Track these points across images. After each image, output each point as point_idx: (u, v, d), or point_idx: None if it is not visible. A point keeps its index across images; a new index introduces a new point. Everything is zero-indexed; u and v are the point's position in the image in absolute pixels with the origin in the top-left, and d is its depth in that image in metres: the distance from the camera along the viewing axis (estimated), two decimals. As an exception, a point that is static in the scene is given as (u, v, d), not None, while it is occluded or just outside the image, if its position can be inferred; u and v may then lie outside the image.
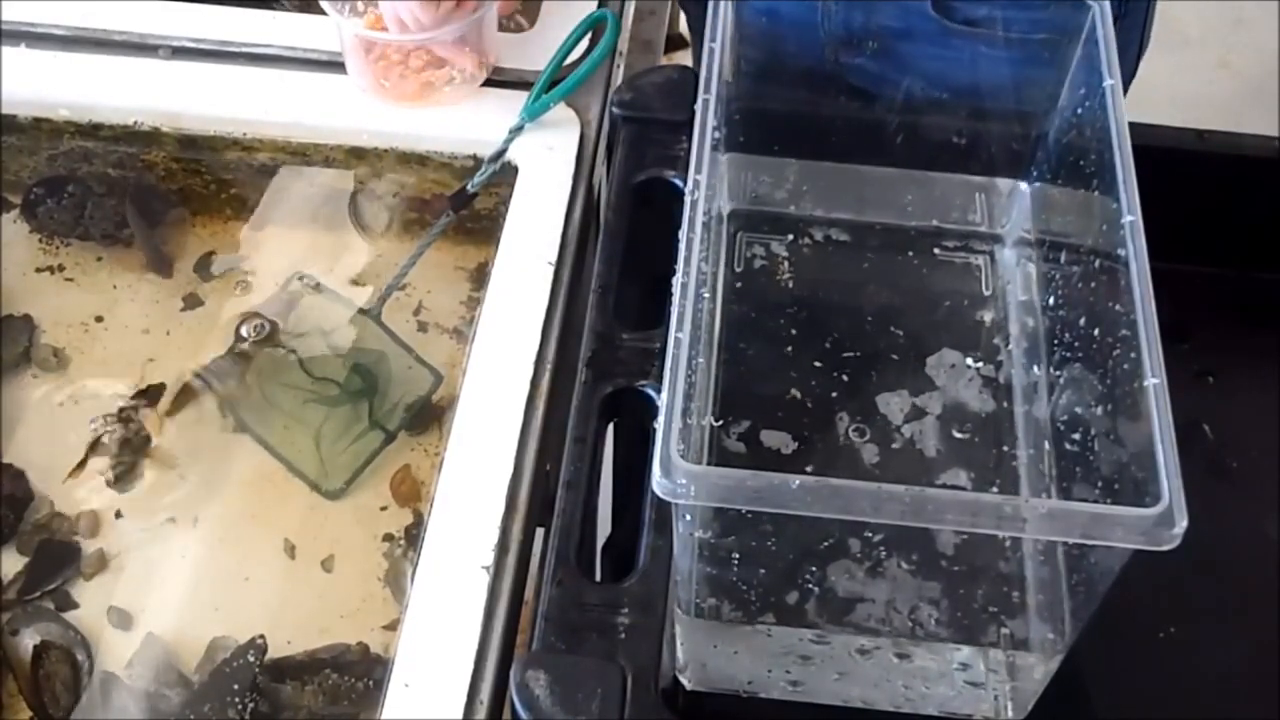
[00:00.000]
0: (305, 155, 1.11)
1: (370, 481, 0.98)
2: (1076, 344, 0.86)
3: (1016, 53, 1.02)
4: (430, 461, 0.98)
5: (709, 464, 0.87)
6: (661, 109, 1.01)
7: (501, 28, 1.11)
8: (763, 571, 0.78)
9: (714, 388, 0.92)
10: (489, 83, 1.10)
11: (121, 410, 1.00)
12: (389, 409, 1.01)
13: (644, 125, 1.01)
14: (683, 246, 0.76)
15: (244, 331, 1.03)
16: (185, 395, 1.02)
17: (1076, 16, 0.91)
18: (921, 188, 1.01)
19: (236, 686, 0.87)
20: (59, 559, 0.94)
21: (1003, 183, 1.01)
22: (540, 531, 0.88)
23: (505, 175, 1.04)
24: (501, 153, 1.04)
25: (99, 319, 1.07)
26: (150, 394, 1.02)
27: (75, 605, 0.92)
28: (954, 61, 1.06)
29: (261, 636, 0.89)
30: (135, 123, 1.10)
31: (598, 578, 0.81)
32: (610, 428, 0.91)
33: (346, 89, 1.09)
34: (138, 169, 1.12)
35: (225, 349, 1.04)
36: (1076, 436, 0.84)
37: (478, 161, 1.06)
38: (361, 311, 1.04)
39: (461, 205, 1.03)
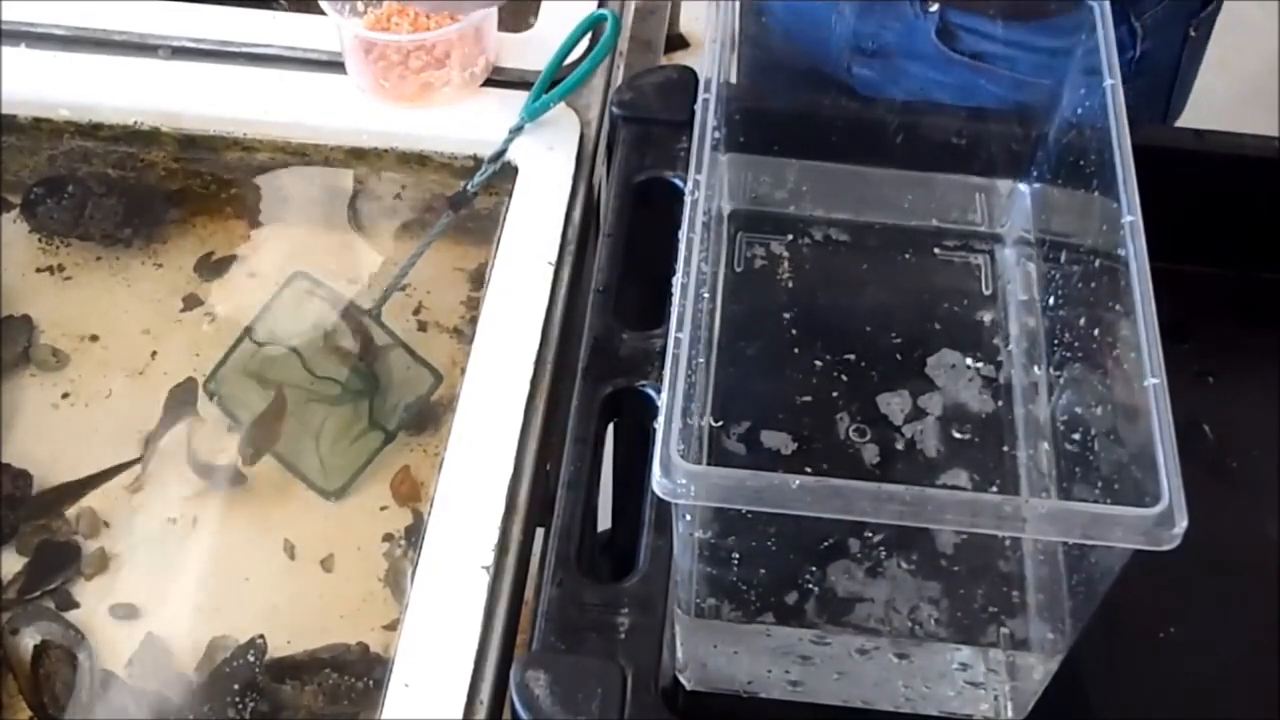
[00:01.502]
0: (305, 155, 1.11)
1: (370, 481, 0.98)
2: (1076, 344, 0.86)
3: (1016, 91, 1.03)
4: (430, 461, 0.98)
5: (709, 464, 0.87)
6: (661, 109, 1.01)
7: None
8: (763, 571, 0.78)
9: (714, 388, 0.92)
10: (489, 83, 1.10)
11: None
12: (389, 409, 1.01)
13: (644, 125, 1.01)
14: (683, 246, 0.76)
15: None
16: (186, 395, 1.02)
17: (1076, 17, 0.91)
18: (921, 188, 1.01)
19: (236, 686, 0.87)
20: (59, 559, 0.94)
21: (1002, 183, 1.01)
22: (540, 531, 0.88)
23: (505, 175, 1.04)
24: (501, 153, 1.04)
25: (99, 319, 1.07)
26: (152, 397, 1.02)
27: (75, 605, 0.92)
28: (953, 88, 1.06)
29: (261, 636, 0.89)
30: (135, 123, 1.10)
31: (598, 578, 0.81)
32: (610, 428, 0.91)
33: (346, 89, 1.09)
34: (138, 169, 1.12)
35: (226, 349, 1.04)
36: (1076, 436, 0.84)
37: (478, 161, 1.06)
38: (362, 311, 1.04)
39: (461, 205, 1.03)
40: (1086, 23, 0.90)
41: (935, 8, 1.02)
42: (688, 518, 0.72)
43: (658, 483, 0.66)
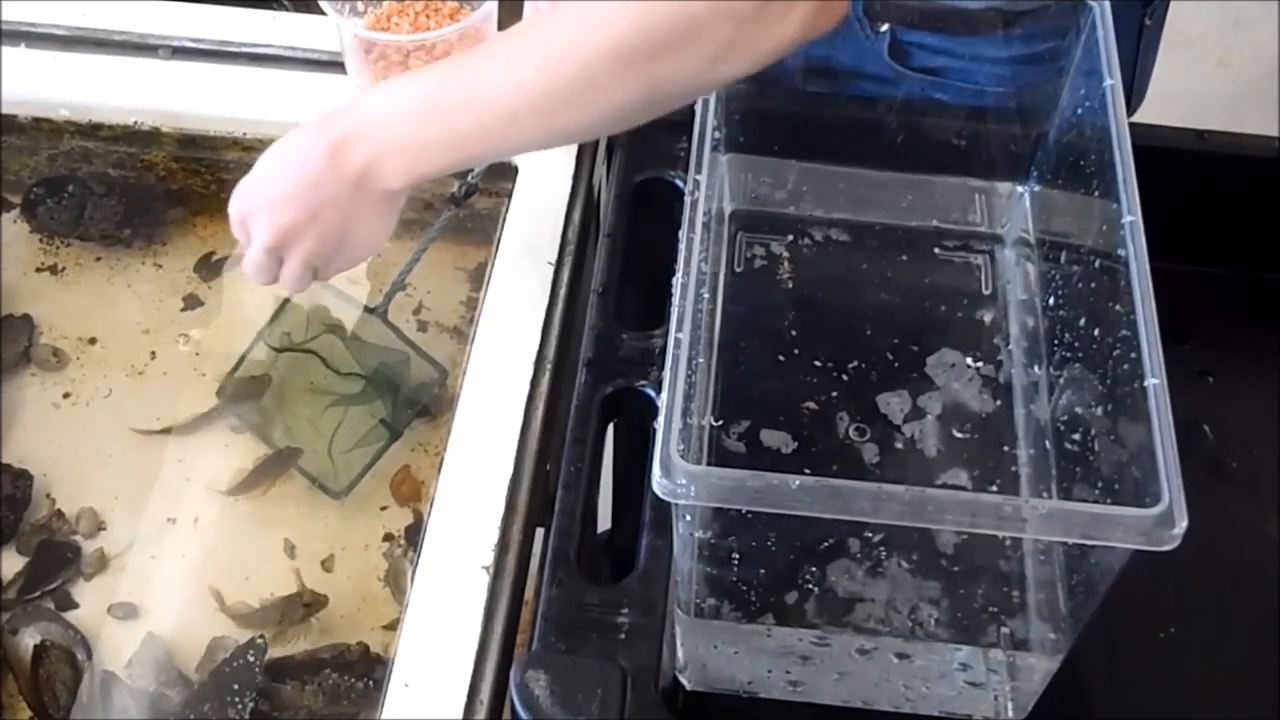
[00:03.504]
0: (305, 155, 1.10)
1: (370, 481, 0.98)
2: (1076, 344, 0.86)
3: (977, 99, 1.02)
4: (430, 461, 0.98)
5: (709, 464, 0.87)
6: (661, 109, 1.01)
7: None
8: (763, 571, 0.78)
9: (714, 388, 0.92)
10: (489, 83, 1.10)
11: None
12: (395, 407, 1.01)
13: (644, 125, 1.00)
14: (683, 246, 0.76)
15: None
16: (189, 395, 1.02)
17: (1076, 17, 0.91)
18: (921, 189, 1.01)
19: (236, 686, 0.87)
20: (59, 559, 0.94)
21: (1002, 184, 1.01)
22: (540, 531, 0.88)
23: (505, 175, 1.04)
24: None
25: (99, 319, 1.07)
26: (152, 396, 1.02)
27: (75, 605, 0.92)
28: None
29: (261, 636, 0.89)
30: (135, 123, 1.10)
31: (598, 578, 0.81)
32: (610, 428, 0.91)
33: (346, 89, 1.09)
34: (138, 169, 1.12)
35: (227, 350, 1.03)
36: (1076, 436, 0.84)
37: (479, 161, 1.06)
38: (367, 310, 1.04)
39: (464, 200, 1.03)
40: (1052, 28, 0.91)
41: (885, 28, 1.02)
42: (688, 518, 0.72)
43: (658, 483, 0.66)
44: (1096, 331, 0.82)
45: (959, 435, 0.90)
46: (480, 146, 0.80)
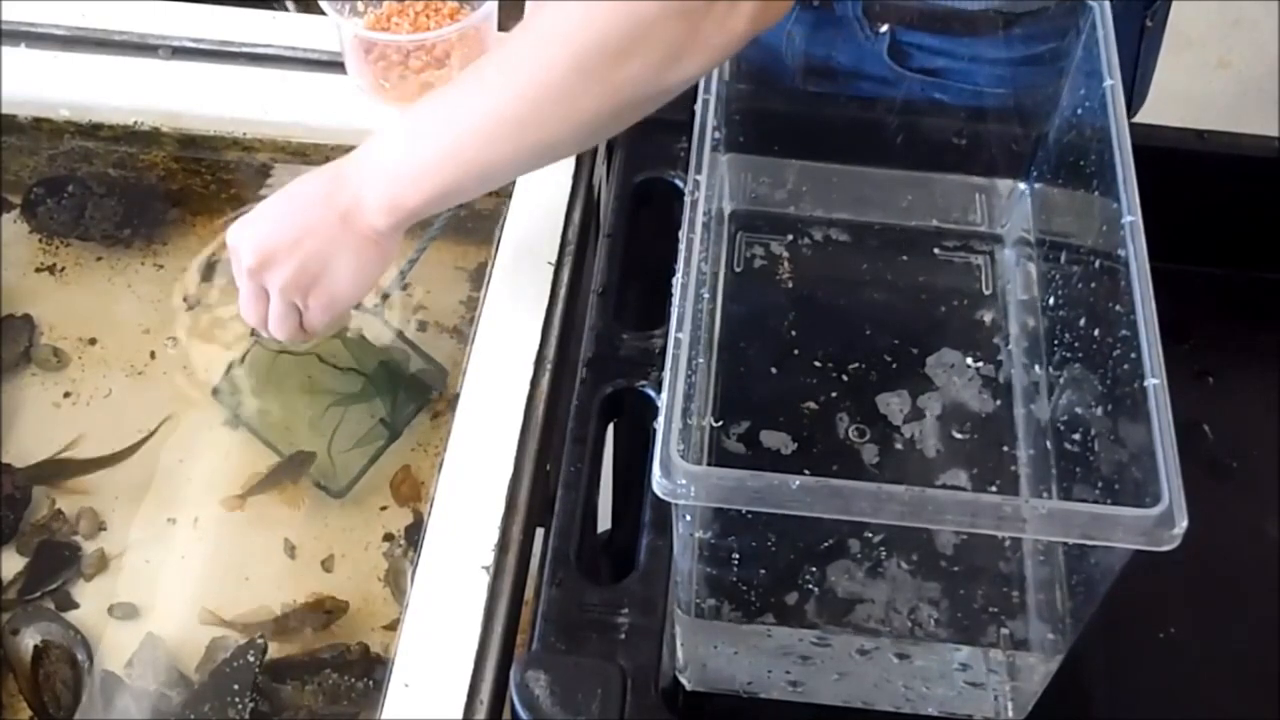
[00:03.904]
0: (305, 155, 1.11)
1: (370, 481, 0.98)
2: (1076, 344, 0.86)
3: (976, 100, 1.03)
4: (430, 461, 0.98)
5: (709, 464, 0.87)
6: (661, 109, 1.01)
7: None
8: (763, 572, 0.78)
9: (714, 388, 0.92)
10: (489, 83, 1.10)
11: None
12: (395, 407, 1.01)
13: (644, 125, 1.00)
14: (683, 246, 0.76)
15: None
16: (190, 394, 1.02)
17: (1076, 17, 0.91)
18: (921, 188, 1.01)
19: (236, 686, 0.87)
20: (59, 559, 0.94)
21: (1002, 183, 1.01)
22: (540, 531, 0.88)
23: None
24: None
25: (99, 319, 1.07)
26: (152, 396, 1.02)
27: (75, 605, 0.92)
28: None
29: (261, 636, 0.89)
30: (135, 123, 1.10)
31: (598, 578, 0.81)
32: (610, 428, 0.91)
33: (346, 89, 1.09)
34: (138, 169, 1.12)
35: (228, 350, 1.03)
36: (1076, 436, 0.84)
37: (478, 161, 1.06)
38: (367, 310, 1.04)
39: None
40: (1052, 28, 0.91)
41: (885, 29, 1.03)
42: (688, 518, 0.72)
43: (658, 483, 0.66)
44: (1096, 331, 0.82)
45: (959, 435, 0.90)
46: (456, 175, 0.81)
